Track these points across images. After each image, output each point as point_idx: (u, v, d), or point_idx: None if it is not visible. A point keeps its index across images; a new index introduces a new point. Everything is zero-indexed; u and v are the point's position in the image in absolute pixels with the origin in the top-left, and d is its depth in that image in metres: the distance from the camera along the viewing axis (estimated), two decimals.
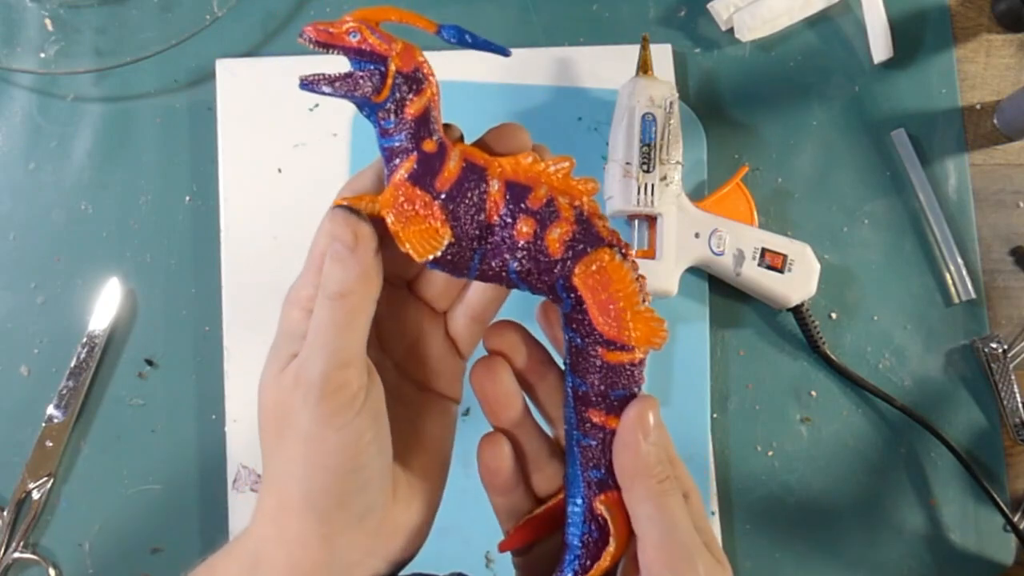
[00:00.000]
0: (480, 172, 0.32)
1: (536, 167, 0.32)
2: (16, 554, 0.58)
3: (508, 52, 0.32)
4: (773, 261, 0.60)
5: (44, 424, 0.59)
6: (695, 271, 0.61)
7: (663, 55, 0.64)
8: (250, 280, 0.61)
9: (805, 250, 0.60)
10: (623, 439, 0.33)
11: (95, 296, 0.61)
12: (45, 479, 0.58)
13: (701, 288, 0.63)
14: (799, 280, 0.60)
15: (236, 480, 0.59)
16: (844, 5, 0.66)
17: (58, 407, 0.59)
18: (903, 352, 0.63)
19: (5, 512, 0.58)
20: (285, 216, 0.62)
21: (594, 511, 0.33)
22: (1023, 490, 0.62)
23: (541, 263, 0.32)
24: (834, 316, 0.63)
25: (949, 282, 0.64)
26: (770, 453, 0.62)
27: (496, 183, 0.32)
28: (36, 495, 0.58)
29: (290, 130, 0.63)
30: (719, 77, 0.66)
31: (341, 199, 0.32)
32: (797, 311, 0.61)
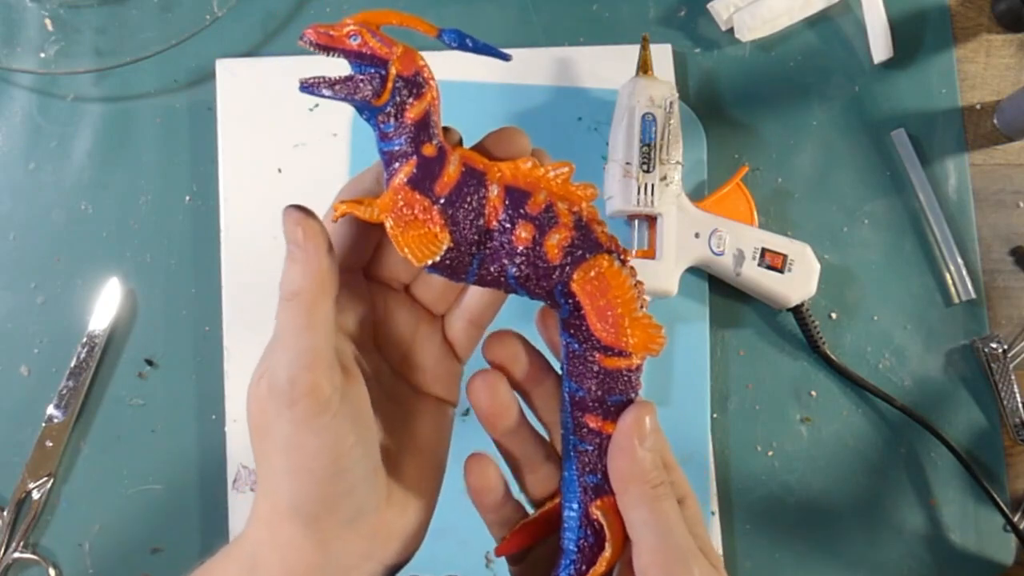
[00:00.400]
0: (479, 177, 0.32)
1: (535, 172, 0.32)
2: (16, 554, 0.58)
3: (509, 57, 0.32)
4: (773, 261, 0.60)
5: (44, 424, 0.59)
6: (695, 271, 0.61)
7: (663, 55, 0.64)
8: (250, 280, 0.61)
9: (805, 250, 0.60)
10: (619, 444, 0.33)
11: (95, 296, 0.61)
12: (45, 479, 0.59)
13: (701, 288, 0.62)
14: (799, 280, 0.60)
15: (236, 480, 0.59)
16: (844, 5, 0.66)
17: (58, 407, 0.59)
18: (903, 352, 0.63)
19: (5, 512, 0.58)
20: None
21: (590, 516, 0.33)
22: (1023, 490, 0.62)
23: (540, 269, 0.32)
24: (834, 316, 0.63)
25: (949, 282, 0.64)
26: (770, 453, 0.62)
27: (495, 188, 0.32)
28: (36, 495, 0.58)
29: (290, 130, 0.63)
30: (719, 77, 0.65)
31: (340, 201, 0.32)
32: (797, 311, 0.61)
